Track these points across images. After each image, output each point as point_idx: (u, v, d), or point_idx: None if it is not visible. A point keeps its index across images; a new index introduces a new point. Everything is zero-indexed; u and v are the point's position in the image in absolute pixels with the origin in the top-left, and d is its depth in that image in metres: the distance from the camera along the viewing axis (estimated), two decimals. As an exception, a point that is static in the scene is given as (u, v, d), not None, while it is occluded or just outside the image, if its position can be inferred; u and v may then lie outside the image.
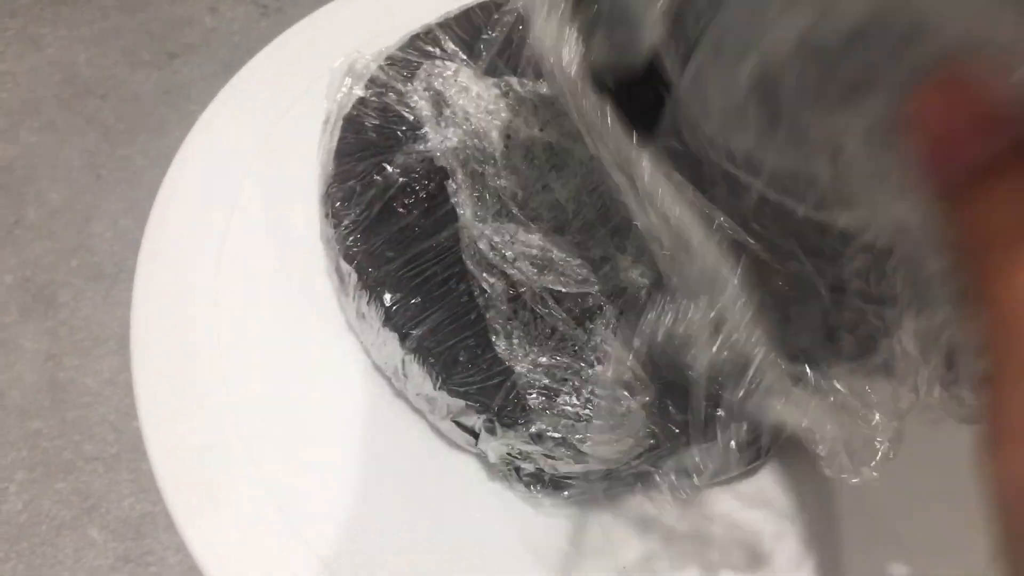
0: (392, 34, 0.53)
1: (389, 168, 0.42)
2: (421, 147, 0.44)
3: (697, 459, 0.38)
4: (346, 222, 0.42)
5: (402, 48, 0.50)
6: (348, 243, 0.41)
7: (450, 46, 0.50)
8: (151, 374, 0.45)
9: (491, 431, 0.40)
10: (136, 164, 0.67)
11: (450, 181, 0.42)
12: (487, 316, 0.39)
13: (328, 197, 0.42)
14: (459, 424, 0.44)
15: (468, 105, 0.46)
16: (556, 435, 0.40)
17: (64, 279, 0.63)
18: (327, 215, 0.42)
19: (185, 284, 0.47)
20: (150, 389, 0.44)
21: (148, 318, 0.49)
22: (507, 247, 0.41)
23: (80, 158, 0.67)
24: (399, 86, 0.48)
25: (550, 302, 0.40)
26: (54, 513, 0.55)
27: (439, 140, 0.44)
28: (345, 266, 0.41)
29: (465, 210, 0.40)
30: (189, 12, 0.74)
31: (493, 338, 0.38)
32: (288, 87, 0.52)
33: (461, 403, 0.40)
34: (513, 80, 0.46)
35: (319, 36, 0.59)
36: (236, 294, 0.49)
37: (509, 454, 0.43)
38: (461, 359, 0.40)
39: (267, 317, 0.46)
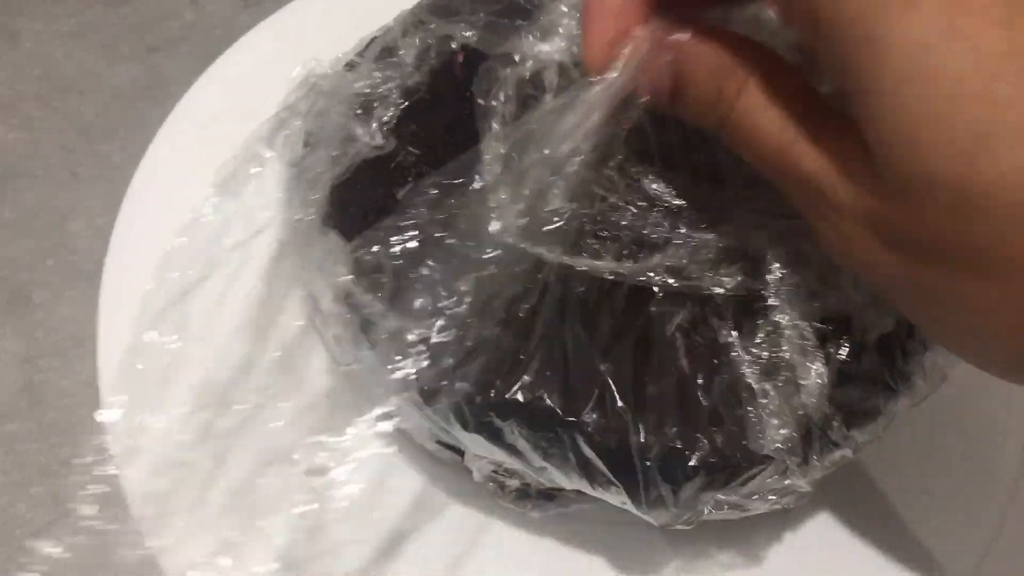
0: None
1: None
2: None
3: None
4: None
5: (361, 52, 0.49)
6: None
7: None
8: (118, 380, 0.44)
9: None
10: (113, 162, 0.66)
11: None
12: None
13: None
14: (444, 444, 0.43)
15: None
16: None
17: (41, 278, 0.62)
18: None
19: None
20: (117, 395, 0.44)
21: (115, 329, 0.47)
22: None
23: (57, 155, 0.66)
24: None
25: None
26: (29, 517, 0.54)
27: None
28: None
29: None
30: (170, 5, 0.73)
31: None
32: (262, 81, 0.50)
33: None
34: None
35: (296, 26, 0.58)
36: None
37: (495, 472, 0.42)
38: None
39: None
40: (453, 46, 0.47)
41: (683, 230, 0.38)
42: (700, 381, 0.38)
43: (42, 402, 0.58)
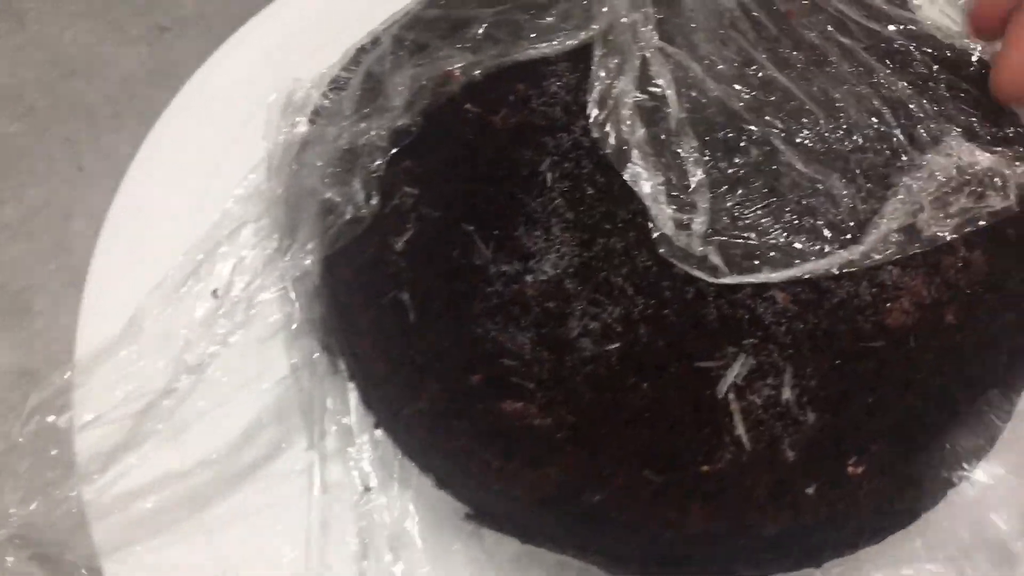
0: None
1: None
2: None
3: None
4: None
5: (347, 67, 0.43)
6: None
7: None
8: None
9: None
10: (120, 153, 0.61)
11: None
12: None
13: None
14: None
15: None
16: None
17: (41, 283, 0.58)
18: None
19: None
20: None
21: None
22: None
23: (61, 148, 0.62)
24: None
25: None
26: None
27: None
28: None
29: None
30: (184, -20, 0.67)
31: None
32: (257, 82, 0.47)
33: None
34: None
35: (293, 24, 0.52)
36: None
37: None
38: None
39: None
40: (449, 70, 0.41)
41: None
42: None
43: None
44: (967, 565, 0.38)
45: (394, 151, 0.40)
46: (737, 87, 0.41)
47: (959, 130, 0.40)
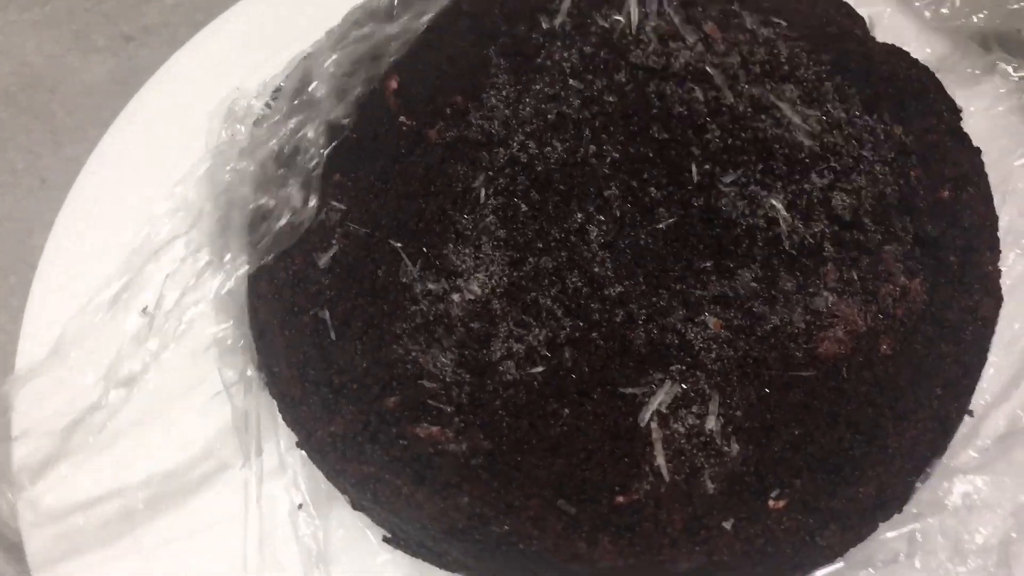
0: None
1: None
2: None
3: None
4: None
5: (291, 76, 0.42)
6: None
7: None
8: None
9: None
10: (83, 164, 0.61)
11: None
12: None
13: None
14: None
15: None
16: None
17: (1, 299, 0.57)
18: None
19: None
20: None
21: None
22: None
23: (24, 160, 0.61)
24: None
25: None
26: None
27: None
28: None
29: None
30: (149, -12, 0.66)
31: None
32: (206, 94, 0.46)
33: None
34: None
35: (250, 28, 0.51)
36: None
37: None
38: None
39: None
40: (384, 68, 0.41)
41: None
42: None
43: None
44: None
45: (327, 160, 0.40)
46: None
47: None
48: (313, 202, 0.39)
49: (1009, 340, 0.41)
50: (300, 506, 0.40)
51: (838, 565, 0.37)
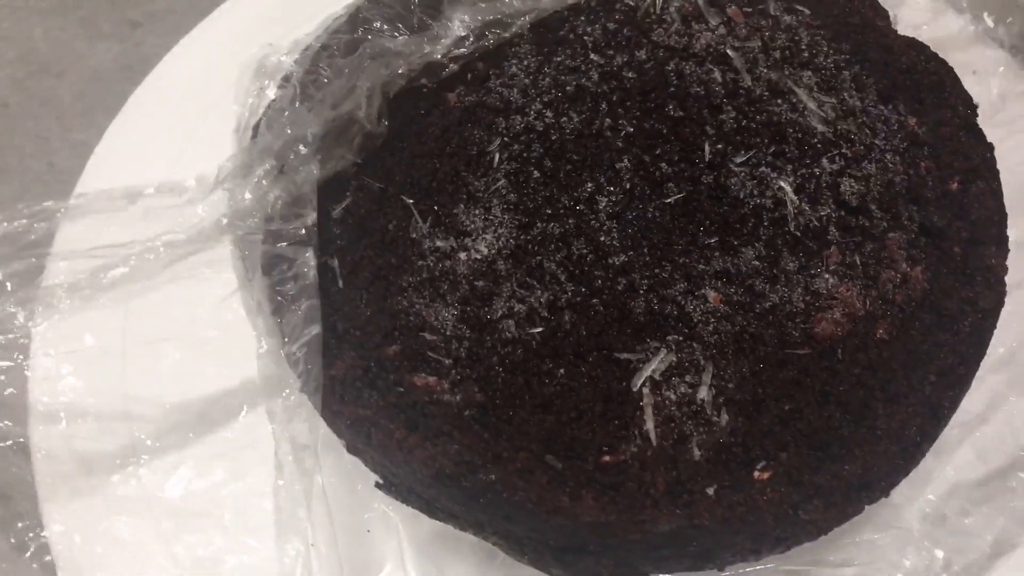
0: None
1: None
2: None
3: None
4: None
5: (319, 36, 0.43)
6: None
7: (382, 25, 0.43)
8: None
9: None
10: (91, 149, 0.62)
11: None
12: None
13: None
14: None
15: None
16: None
17: None
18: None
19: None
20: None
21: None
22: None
23: (32, 144, 0.63)
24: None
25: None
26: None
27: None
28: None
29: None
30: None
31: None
32: (216, 78, 0.47)
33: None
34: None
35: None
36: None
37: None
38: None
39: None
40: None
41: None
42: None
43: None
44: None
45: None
46: None
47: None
48: (385, 120, 0.41)
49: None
50: (306, 446, 0.41)
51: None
